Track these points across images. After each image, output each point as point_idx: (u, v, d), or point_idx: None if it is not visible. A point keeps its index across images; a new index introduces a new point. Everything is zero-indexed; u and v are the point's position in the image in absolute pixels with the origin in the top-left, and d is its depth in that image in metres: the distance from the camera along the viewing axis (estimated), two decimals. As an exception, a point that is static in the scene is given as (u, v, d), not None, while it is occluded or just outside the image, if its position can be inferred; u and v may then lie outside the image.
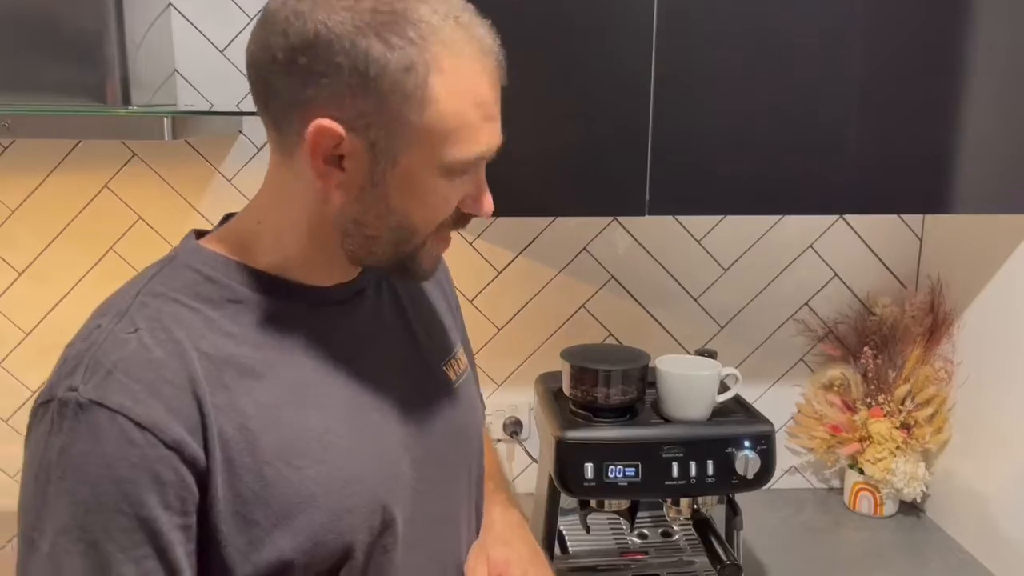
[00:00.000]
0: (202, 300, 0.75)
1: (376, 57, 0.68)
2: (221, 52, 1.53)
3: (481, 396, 1.08)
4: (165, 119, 1.15)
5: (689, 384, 1.29)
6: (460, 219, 0.80)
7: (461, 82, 0.71)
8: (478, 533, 0.97)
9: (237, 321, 0.75)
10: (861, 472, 1.63)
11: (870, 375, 1.62)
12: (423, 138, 0.71)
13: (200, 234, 0.84)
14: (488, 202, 0.79)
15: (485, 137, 0.74)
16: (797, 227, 1.68)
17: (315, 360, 0.79)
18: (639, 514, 1.36)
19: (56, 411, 0.68)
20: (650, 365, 1.32)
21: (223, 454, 0.71)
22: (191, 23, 1.52)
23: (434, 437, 0.88)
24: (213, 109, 1.54)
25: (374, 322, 0.87)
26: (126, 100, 1.27)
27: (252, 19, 1.51)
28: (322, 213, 0.77)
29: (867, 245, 1.70)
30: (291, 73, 0.70)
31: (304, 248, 0.79)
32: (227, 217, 0.86)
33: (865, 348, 1.63)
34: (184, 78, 1.53)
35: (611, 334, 1.70)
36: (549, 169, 1.26)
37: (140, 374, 0.68)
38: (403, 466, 0.83)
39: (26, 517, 0.69)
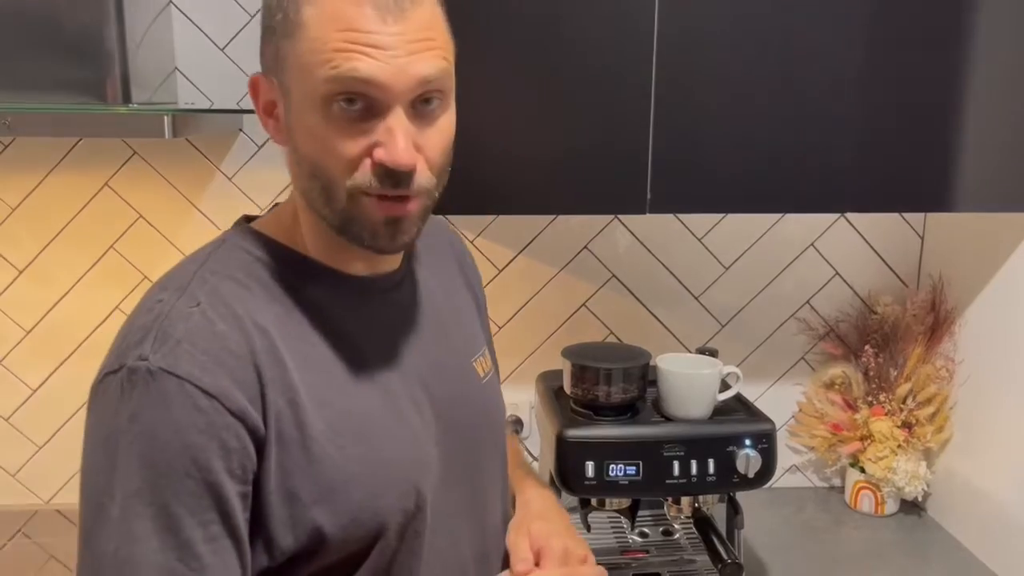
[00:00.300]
0: (254, 280, 0.78)
1: (269, 3, 0.75)
2: (222, 50, 1.53)
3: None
4: (165, 117, 1.15)
5: (690, 382, 1.29)
6: (380, 173, 0.74)
7: (328, 8, 0.71)
8: (504, 526, 0.98)
9: (285, 303, 0.78)
10: (862, 471, 1.62)
11: (871, 374, 1.62)
12: (299, 70, 0.72)
13: (250, 219, 0.87)
14: (394, 148, 0.72)
15: (347, 62, 0.70)
16: (798, 225, 1.68)
17: (356, 345, 0.81)
18: (640, 513, 1.36)
19: (125, 379, 0.70)
20: (651, 363, 1.32)
21: (276, 427, 0.73)
22: (191, 21, 1.52)
23: (462, 429, 0.90)
24: (214, 107, 1.54)
25: (410, 314, 0.89)
26: (126, 98, 1.27)
27: (252, 17, 1.52)
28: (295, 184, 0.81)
29: (868, 243, 1.69)
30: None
31: (324, 233, 0.80)
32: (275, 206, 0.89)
33: (866, 347, 1.63)
34: (185, 76, 1.53)
35: (612, 332, 1.70)
36: (550, 168, 1.25)
37: (206, 345, 0.71)
38: (433, 455, 0.85)
39: (93, 484, 0.71)
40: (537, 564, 0.92)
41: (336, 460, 0.76)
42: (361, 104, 0.72)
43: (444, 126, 0.77)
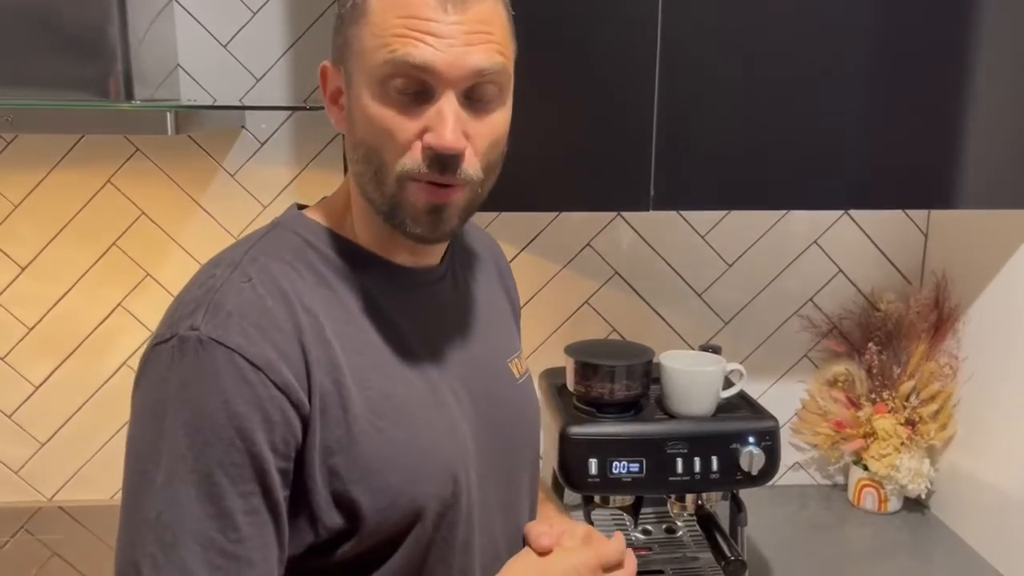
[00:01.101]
0: (303, 263, 0.79)
1: None
2: (224, 47, 1.53)
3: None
4: (168, 113, 1.15)
5: (693, 380, 1.28)
6: (429, 157, 0.74)
7: None
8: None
9: (332, 287, 0.79)
10: (865, 468, 1.62)
11: (875, 371, 1.61)
12: (360, 54, 0.75)
13: (301, 207, 0.88)
14: (443, 131, 0.73)
15: (404, 47, 0.72)
16: (801, 223, 1.67)
17: (400, 333, 0.82)
18: (643, 510, 1.36)
19: (176, 347, 0.71)
20: (654, 361, 1.32)
21: (320, 404, 0.74)
22: (194, 17, 1.52)
23: (498, 427, 0.90)
24: (216, 104, 1.53)
25: (452, 310, 0.90)
26: (129, 95, 1.27)
27: (255, 13, 1.52)
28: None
29: (872, 241, 1.69)
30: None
31: (368, 215, 0.82)
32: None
33: (870, 344, 1.62)
34: (187, 73, 1.53)
35: (615, 330, 1.70)
36: (553, 164, 1.25)
37: (255, 318, 0.72)
38: (471, 448, 0.85)
39: (139, 451, 0.71)
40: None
41: (376, 442, 0.77)
42: (415, 89, 0.74)
43: (497, 121, 0.78)
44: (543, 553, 0.89)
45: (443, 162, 0.74)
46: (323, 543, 0.77)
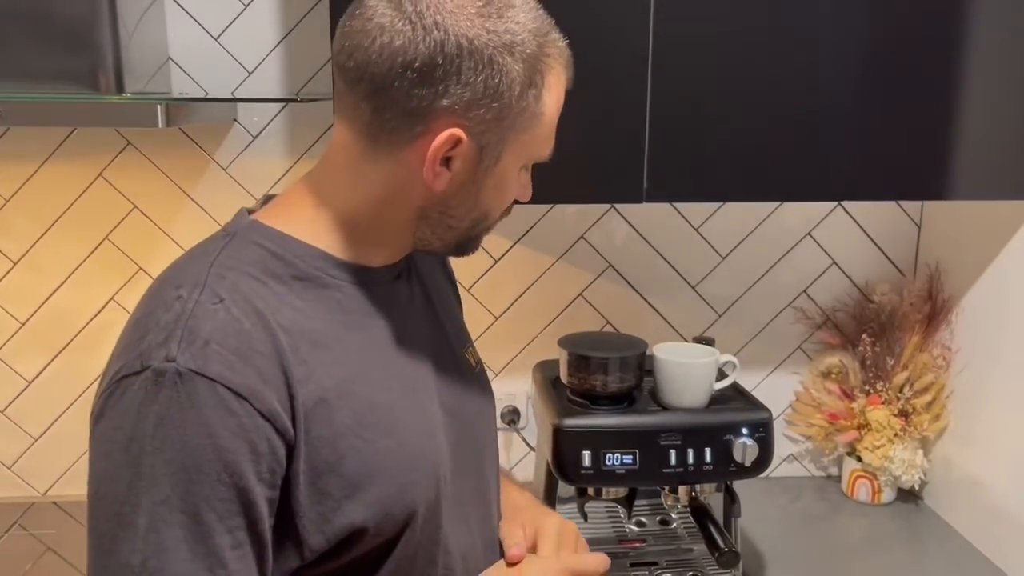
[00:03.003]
0: (270, 275, 0.76)
1: (510, 73, 0.74)
2: (216, 39, 1.52)
3: None
4: (159, 106, 1.14)
5: (687, 371, 1.28)
6: (511, 204, 0.86)
7: (557, 95, 0.79)
8: (495, 519, 0.98)
9: (303, 297, 0.77)
10: (859, 460, 1.63)
11: (868, 363, 1.62)
12: (525, 143, 0.79)
13: (248, 211, 0.86)
14: (529, 191, 0.88)
15: (555, 132, 0.82)
16: (795, 215, 1.67)
17: (373, 338, 0.82)
18: (637, 502, 1.36)
19: (151, 381, 0.67)
20: (648, 353, 1.32)
21: (305, 425, 0.72)
22: (185, 10, 1.51)
23: (466, 418, 0.91)
24: (208, 96, 1.53)
25: (412, 305, 0.90)
26: (119, 88, 1.26)
27: (247, 6, 1.51)
28: (406, 204, 0.80)
29: (865, 232, 1.69)
30: (426, 83, 0.72)
31: (369, 233, 0.81)
32: (268, 198, 0.87)
33: (863, 336, 1.63)
34: (178, 66, 1.52)
35: (609, 322, 1.70)
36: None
37: (234, 344, 0.69)
38: (444, 444, 0.86)
39: (112, 492, 0.68)
40: (533, 551, 0.93)
41: (365, 454, 0.75)
42: None
43: None
44: (514, 563, 0.90)
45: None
46: (311, 563, 0.75)
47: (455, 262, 1.07)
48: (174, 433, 0.67)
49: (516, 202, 0.88)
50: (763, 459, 1.26)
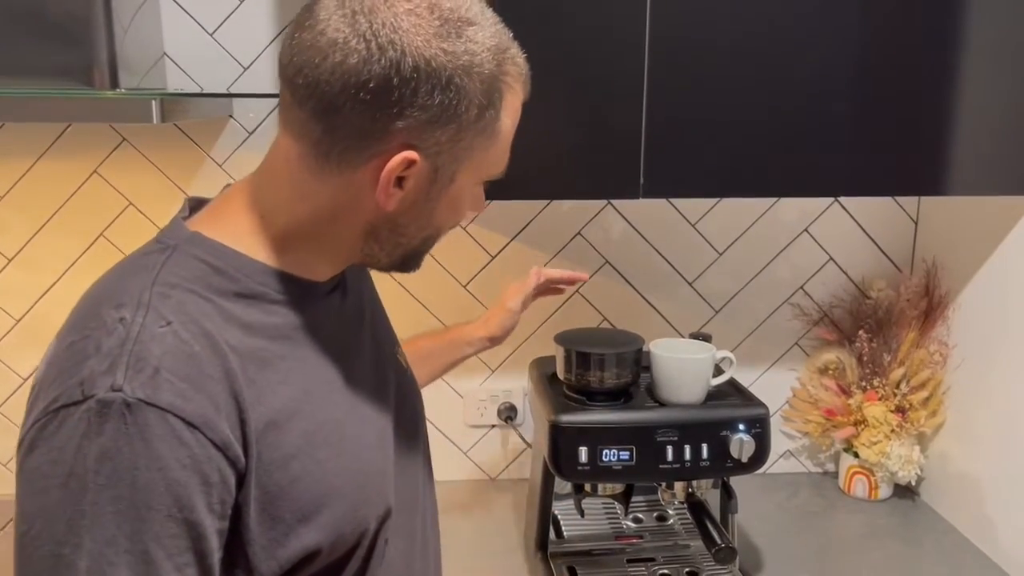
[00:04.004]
0: (214, 291, 0.72)
1: (468, 95, 0.70)
2: (211, 35, 1.52)
3: None
4: (153, 101, 1.14)
5: (684, 367, 1.28)
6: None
7: (514, 113, 0.77)
8: (432, 518, 0.97)
9: (248, 314, 0.73)
10: (856, 456, 1.63)
11: (865, 359, 1.62)
12: (481, 161, 0.76)
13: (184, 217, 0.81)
14: (483, 204, 0.85)
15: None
16: (792, 211, 1.67)
17: (319, 352, 0.78)
18: (634, 498, 1.36)
19: (95, 412, 0.63)
20: (644, 349, 1.31)
21: (256, 451, 0.69)
22: (180, 6, 1.50)
23: (404, 424, 0.89)
24: (203, 92, 1.52)
25: (349, 315, 0.87)
26: (114, 84, 1.25)
27: (242, 2, 1.50)
28: (354, 221, 0.76)
29: (862, 228, 1.69)
30: (380, 105, 0.68)
31: (313, 247, 0.78)
32: (196, 203, 0.83)
33: (860, 332, 1.63)
34: (174, 62, 1.52)
35: (605, 319, 1.70)
36: (543, 153, 1.24)
37: (184, 371, 0.65)
38: (391, 454, 0.84)
39: (47, 532, 0.63)
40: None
41: (316, 475, 0.73)
42: None
43: None
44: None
45: None
46: None
47: (451, 256, 1.07)
48: (122, 468, 0.62)
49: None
50: (760, 455, 1.26)
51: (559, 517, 1.48)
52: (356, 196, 0.74)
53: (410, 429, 0.91)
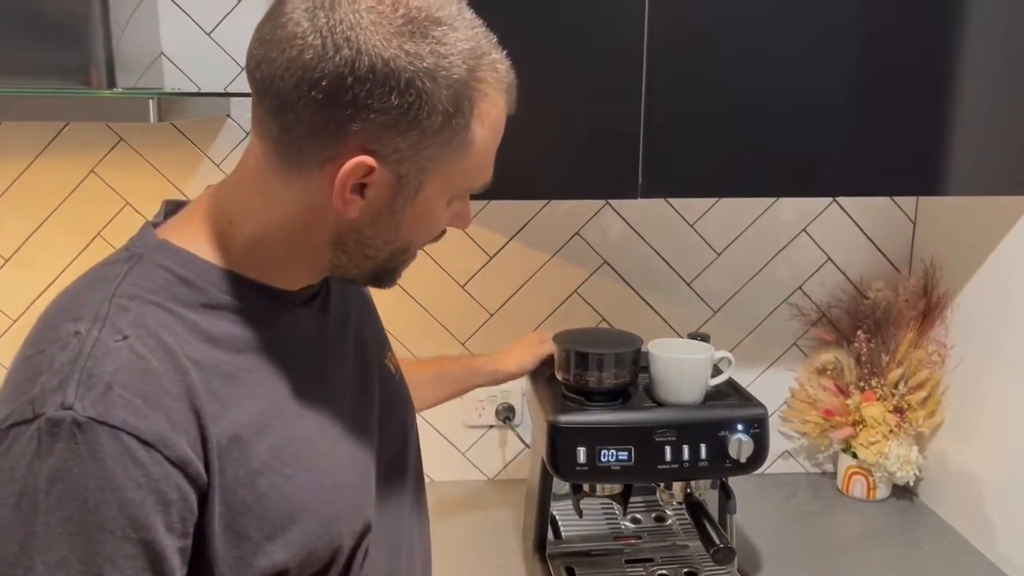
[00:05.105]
0: (178, 303, 0.70)
1: (431, 100, 0.66)
2: (208, 35, 1.51)
3: None
4: (150, 101, 1.13)
5: (682, 367, 1.28)
6: (441, 233, 0.80)
7: (493, 123, 0.72)
8: (420, 518, 0.96)
9: (214, 326, 0.71)
10: (854, 456, 1.63)
11: (863, 359, 1.62)
12: (453, 174, 0.72)
13: (155, 224, 0.79)
14: (469, 218, 0.81)
15: (493, 163, 0.75)
16: (790, 211, 1.67)
17: (290, 364, 0.76)
18: (632, 498, 1.36)
19: (45, 431, 0.61)
20: (643, 349, 1.31)
21: (219, 467, 0.67)
22: (177, 5, 1.50)
23: (390, 435, 0.88)
24: (200, 91, 1.52)
25: (330, 323, 0.84)
26: (111, 83, 1.25)
27: (240, 1, 1.50)
28: (319, 229, 0.73)
29: (860, 229, 1.69)
30: (334, 105, 0.65)
31: (282, 256, 0.75)
32: (174, 206, 0.81)
33: (858, 332, 1.62)
34: (171, 61, 1.51)
35: (604, 319, 1.70)
36: (542, 152, 1.24)
37: (140, 387, 0.63)
38: (371, 467, 0.83)
39: (0, 553, 0.61)
40: None
41: (284, 491, 0.71)
42: None
43: None
44: None
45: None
46: None
47: (449, 256, 1.06)
48: (73, 489, 0.60)
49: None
50: (758, 455, 1.25)
51: (557, 517, 1.48)
52: (318, 203, 0.70)
53: (396, 438, 0.89)
